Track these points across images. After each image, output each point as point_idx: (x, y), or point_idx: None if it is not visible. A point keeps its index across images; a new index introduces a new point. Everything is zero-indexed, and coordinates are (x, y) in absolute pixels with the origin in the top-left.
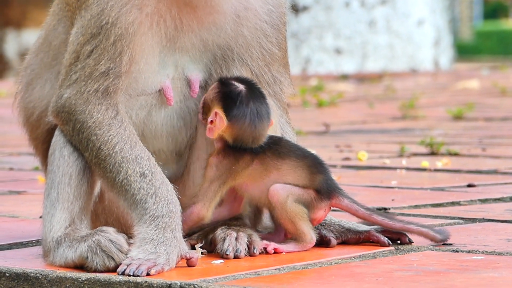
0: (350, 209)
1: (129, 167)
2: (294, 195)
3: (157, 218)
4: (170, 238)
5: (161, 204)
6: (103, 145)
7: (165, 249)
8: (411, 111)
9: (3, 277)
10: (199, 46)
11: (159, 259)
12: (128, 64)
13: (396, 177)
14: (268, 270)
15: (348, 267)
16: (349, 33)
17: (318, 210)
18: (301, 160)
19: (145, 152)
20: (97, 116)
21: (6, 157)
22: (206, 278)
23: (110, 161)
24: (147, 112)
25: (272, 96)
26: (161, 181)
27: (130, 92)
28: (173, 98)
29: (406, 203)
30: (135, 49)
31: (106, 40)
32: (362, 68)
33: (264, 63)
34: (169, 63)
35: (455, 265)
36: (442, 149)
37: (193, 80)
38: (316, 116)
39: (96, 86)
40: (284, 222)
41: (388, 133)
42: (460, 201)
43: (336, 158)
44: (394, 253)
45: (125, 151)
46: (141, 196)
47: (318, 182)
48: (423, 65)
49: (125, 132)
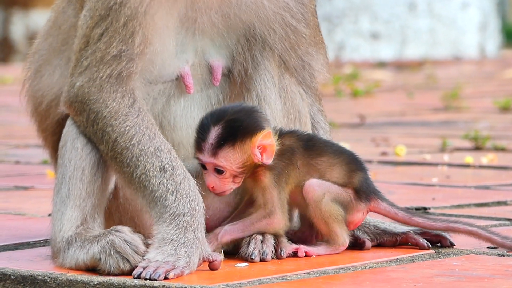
0: (389, 212)
1: (147, 161)
2: (332, 193)
3: (178, 217)
4: (192, 239)
5: (182, 201)
6: (120, 137)
7: (185, 250)
8: (454, 102)
9: (9, 280)
10: (219, 25)
11: (178, 262)
12: (141, 45)
13: (437, 174)
14: (296, 275)
15: (384, 271)
16: (387, 16)
17: (356, 212)
18: (338, 157)
19: (165, 145)
20: (113, 105)
21: (13, 150)
22: (229, 282)
23: (127, 155)
24: (165, 101)
25: (302, 84)
26: (183, 176)
27: (147, 77)
28: (192, 86)
29: (448, 202)
30: (148, 29)
31: (116, 22)
32: (401, 54)
33: (289, 44)
34: (189, 47)
35: (501, 270)
36: (487, 143)
37: (215, 66)
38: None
39: (109, 71)
40: (317, 222)
41: (429, 125)
42: (507, 201)
43: (372, 153)
44: (434, 257)
45: (143, 143)
46: (160, 193)
47: (357, 180)
48: (468, 52)
49: (143, 123)
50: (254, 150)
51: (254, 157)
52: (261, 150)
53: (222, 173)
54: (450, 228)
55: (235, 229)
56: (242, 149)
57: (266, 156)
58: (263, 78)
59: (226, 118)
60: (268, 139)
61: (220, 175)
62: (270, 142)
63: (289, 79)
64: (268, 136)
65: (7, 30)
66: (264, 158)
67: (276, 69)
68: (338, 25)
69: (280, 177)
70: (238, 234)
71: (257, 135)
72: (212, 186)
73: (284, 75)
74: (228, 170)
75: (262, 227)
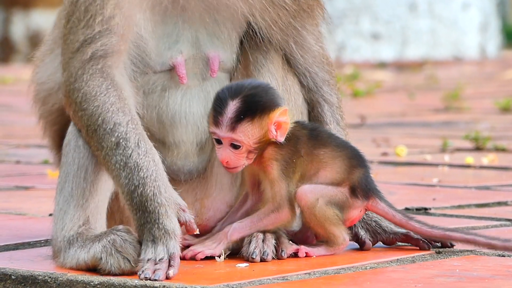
0: (386, 213)
1: (108, 140)
2: (325, 197)
3: (132, 194)
4: (152, 222)
5: (131, 175)
6: (89, 119)
7: (152, 239)
8: (455, 102)
9: (9, 280)
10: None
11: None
12: (102, 23)
13: (437, 174)
14: (297, 275)
15: (384, 272)
16: (388, 17)
17: (353, 210)
18: (341, 150)
19: (125, 117)
20: (84, 89)
21: (13, 149)
22: (230, 282)
23: (95, 137)
24: (159, 91)
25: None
26: (134, 145)
27: (140, 66)
28: (185, 77)
29: (449, 202)
30: (107, 8)
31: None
32: (402, 55)
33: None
34: (183, 37)
35: (501, 271)
36: (488, 144)
37: (211, 58)
38: (351, 107)
39: (80, 56)
40: (313, 227)
41: (430, 126)
42: (508, 201)
43: (372, 153)
44: (434, 257)
45: (106, 121)
46: (116, 172)
47: (357, 176)
48: (468, 53)
49: (109, 99)
50: (271, 126)
51: (270, 133)
52: (276, 127)
53: (238, 148)
54: (447, 236)
55: (244, 226)
56: (260, 124)
57: (280, 133)
58: (267, 80)
59: (245, 93)
60: (284, 117)
61: (236, 150)
62: (286, 120)
63: (292, 80)
64: (284, 114)
65: (8, 30)
66: (278, 136)
67: (280, 70)
68: (338, 25)
69: (287, 168)
70: (247, 231)
71: (275, 111)
72: (226, 161)
73: (287, 76)
74: (245, 145)
75: (271, 222)
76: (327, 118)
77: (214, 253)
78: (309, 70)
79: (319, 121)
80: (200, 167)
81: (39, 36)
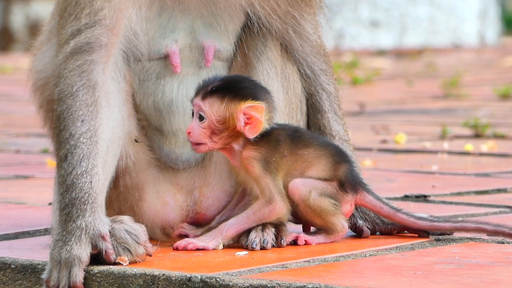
0: (374, 206)
1: (61, 150)
2: (317, 189)
3: (61, 211)
4: (64, 242)
5: (66, 193)
6: (55, 122)
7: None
8: (454, 89)
9: (9, 269)
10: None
11: None
12: (92, 15)
13: (437, 161)
14: (296, 263)
15: (384, 259)
16: (387, 4)
17: (344, 204)
18: (324, 149)
19: (82, 127)
20: (61, 87)
21: (13, 138)
22: (229, 271)
23: (56, 143)
24: (154, 80)
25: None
26: (76, 162)
27: (135, 53)
28: (179, 65)
29: (448, 190)
30: (100, 0)
31: (69, 5)
32: (401, 42)
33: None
34: (178, 26)
35: (501, 258)
36: (487, 131)
37: (206, 47)
38: (350, 95)
39: (66, 50)
40: (310, 218)
41: (429, 113)
42: (507, 188)
43: (371, 141)
44: (434, 245)
45: (65, 129)
46: (57, 186)
47: (343, 172)
48: (467, 40)
49: (76, 104)
50: (239, 114)
51: (237, 121)
52: (247, 120)
53: (202, 120)
54: (435, 227)
55: (239, 221)
56: (228, 106)
57: (249, 129)
58: (266, 68)
59: (232, 77)
60: (258, 113)
61: (200, 122)
62: (259, 117)
63: (291, 68)
64: (259, 110)
65: (7, 20)
66: (247, 130)
67: (279, 58)
68: (337, 13)
69: (269, 165)
70: (242, 226)
71: (248, 101)
72: (189, 131)
73: (286, 64)
74: (208, 118)
75: (265, 215)
76: (325, 107)
77: (207, 246)
78: (306, 59)
79: (317, 109)
80: (198, 156)
81: (39, 25)
